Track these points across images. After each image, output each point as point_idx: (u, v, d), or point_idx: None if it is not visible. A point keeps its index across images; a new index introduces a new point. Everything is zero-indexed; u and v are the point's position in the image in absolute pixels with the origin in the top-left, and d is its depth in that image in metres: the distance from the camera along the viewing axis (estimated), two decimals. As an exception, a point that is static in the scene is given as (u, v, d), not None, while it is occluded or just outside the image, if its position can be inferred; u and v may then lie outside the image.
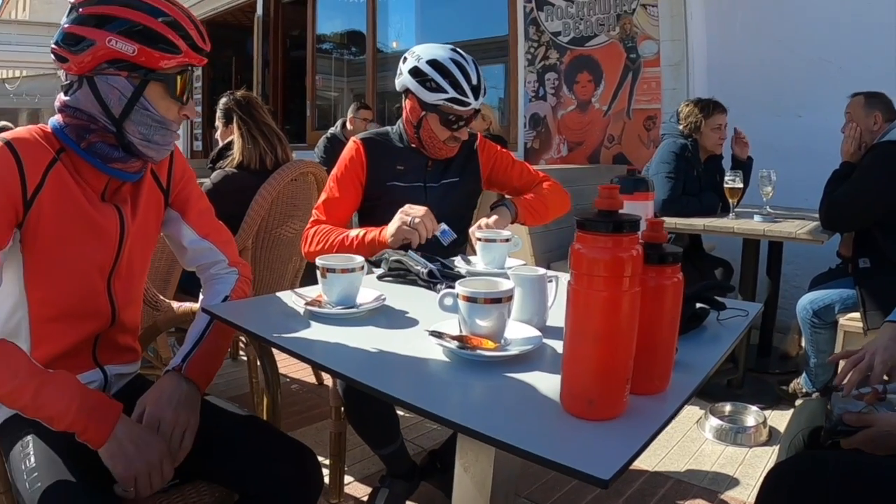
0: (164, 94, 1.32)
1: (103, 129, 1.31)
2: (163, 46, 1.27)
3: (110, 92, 1.29)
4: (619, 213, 0.89)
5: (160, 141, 1.36)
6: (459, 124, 2.13)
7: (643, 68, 4.77)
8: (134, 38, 1.25)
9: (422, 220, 1.89)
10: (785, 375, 3.46)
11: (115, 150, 1.33)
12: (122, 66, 1.27)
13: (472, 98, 2.09)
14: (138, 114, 1.31)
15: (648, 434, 0.86)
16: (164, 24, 1.27)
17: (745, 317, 1.44)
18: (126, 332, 1.54)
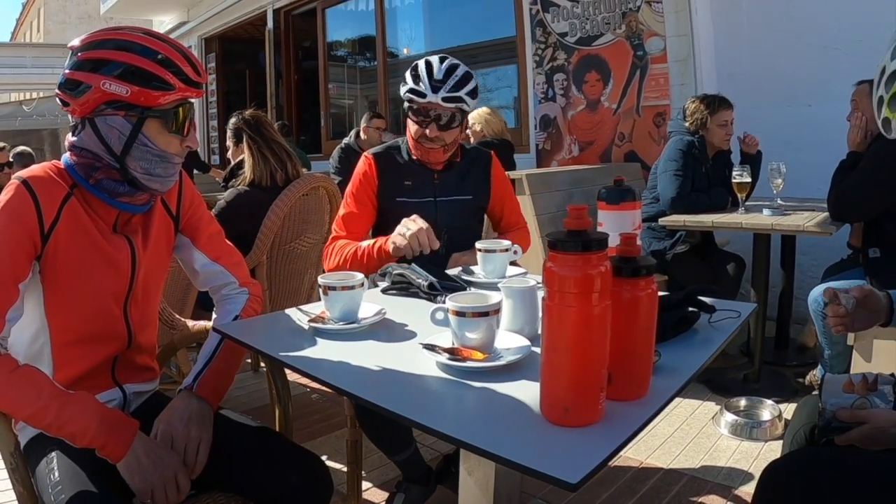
0: (162, 129, 1.38)
1: (108, 166, 1.38)
2: (156, 84, 1.33)
3: (110, 131, 1.36)
4: (587, 232, 0.93)
5: (162, 173, 1.42)
6: (425, 120, 2.14)
7: (651, 65, 4.79)
8: (127, 80, 1.31)
9: (414, 234, 1.91)
10: (802, 367, 3.46)
11: (121, 184, 1.40)
12: (119, 106, 1.34)
13: (428, 90, 2.10)
14: (138, 150, 1.37)
15: (622, 439, 0.90)
16: (155, 63, 1.33)
17: (736, 318, 1.47)
18: (143, 352, 1.62)
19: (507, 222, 2.43)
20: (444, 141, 2.18)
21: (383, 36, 7.37)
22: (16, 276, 1.31)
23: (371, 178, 2.24)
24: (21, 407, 1.28)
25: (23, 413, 1.29)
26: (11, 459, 1.35)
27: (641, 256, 1.05)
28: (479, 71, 6.79)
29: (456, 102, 2.13)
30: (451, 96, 2.11)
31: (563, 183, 4.10)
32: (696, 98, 3.69)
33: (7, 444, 1.35)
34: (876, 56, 1.67)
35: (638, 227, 1.51)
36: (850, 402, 1.43)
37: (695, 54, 4.54)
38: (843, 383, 1.46)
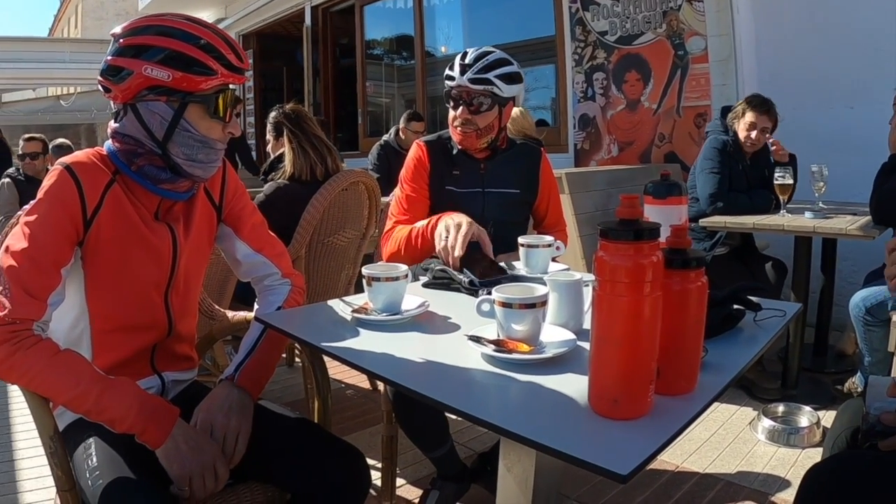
0: (204, 114, 1.38)
1: (150, 152, 1.38)
2: (197, 70, 1.33)
3: (152, 117, 1.36)
4: (639, 221, 0.93)
5: (204, 159, 1.42)
6: (456, 103, 2.18)
7: (691, 65, 4.74)
8: (169, 65, 1.32)
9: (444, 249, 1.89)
10: (841, 375, 3.40)
11: (163, 171, 1.41)
12: (161, 91, 1.34)
13: (457, 73, 2.15)
14: (180, 135, 1.38)
15: (671, 433, 0.90)
16: (197, 49, 1.33)
17: (782, 317, 1.45)
18: (182, 341, 1.62)
19: (549, 222, 2.43)
20: (476, 125, 2.18)
21: (421, 34, 7.38)
22: (58, 260, 1.32)
23: (424, 163, 2.27)
24: (62, 391, 1.28)
25: (63, 397, 1.29)
26: (51, 443, 1.34)
27: (692, 249, 1.04)
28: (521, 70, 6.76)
29: (484, 84, 2.13)
30: (477, 78, 2.13)
31: (602, 183, 4.08)
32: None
33: (46, 427, 1.34)
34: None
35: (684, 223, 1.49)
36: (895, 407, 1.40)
37: (736, 54, 4.49)
38: (888, 387, 1.43)
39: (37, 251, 1.30)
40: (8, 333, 1.25)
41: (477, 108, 2.16)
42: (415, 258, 2.09)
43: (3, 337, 1.25)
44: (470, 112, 2.16)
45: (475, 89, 2.14)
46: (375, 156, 5.71)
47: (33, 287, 1.29)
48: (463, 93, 2.16)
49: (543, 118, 6.44)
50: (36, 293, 1.29)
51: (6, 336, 1.25)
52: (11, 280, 1.28)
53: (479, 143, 2.23)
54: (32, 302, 1.28)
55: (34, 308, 1.29)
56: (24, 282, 1.28)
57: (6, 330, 1.25)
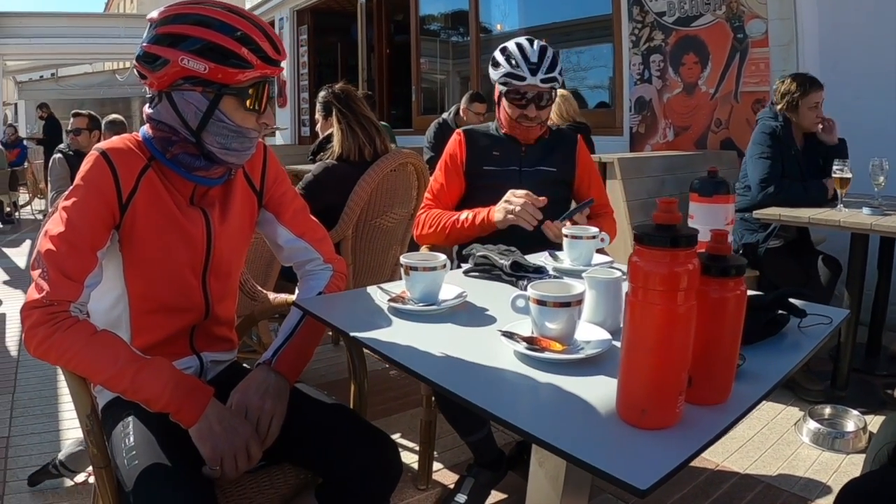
0: (239, 106, 1.38)
1: (184, 140, 1.40)
2: (234, 62, 1.32)
3: (187, 106, 1.37)
4: (677, 227, 0.90)
5: (239, 147, 1.42)
6: (524, 101, 2.27)
7: (751, 49, 4.61)
8: (205, 57, 1.31)
9: (523, 209, 2.07)
10: (893, 378, 3.30)
11: (197, 159, 1.42)
12: (196, 82, 1.34)
13: (526, 73, 2.23)
14: (215, 125, 1.38)
15: (697, 446, 0.87)
16: (234, 41, 1.32)
17: (828, 324, 1.40)
18: (221, 323, 1.64)
19: (594, 208, 2.41)
20: (541, 119, 2.32)
21: (476, 11, 7.31)
22: (94, 244, 1.34)
23: (459, 151, 2.36)
24: (99, 371, 1.31)
25: (100, 377, 1.31)
26: (87, 421, 1.37)
27: (732, 255, 1.01)
28: (572, 49, 6.69)
29: (552, 83, 2.26)
30: (548, 77, 2.24)
31: (656, 169, 4.00)
32: (785, 78, 3.54)
33: (84, 406, 1.37)
34: None
35: (730, 222, 1.45)
36: None
37: (798, 39, 4.34)
38: None
39: (73, 235, 1.32)
40: (46, 315, 1.29)
41: (546, 103, 2.30)
42: (455, 241, 2.29)
43: (42, 318, 1.29)
44: (538, 109, 2.28)
45: (545, 87, 2.26)
46: (432, 134, 5.68)
47: (70, 269, 1.32)
48: (534, 91, 2.25)
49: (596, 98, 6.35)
50: (73, 275, 1.32)
51: (45, 318, 1.29)
52: (49, 263, 1.31)
53: (539, 133, 2.38)
54: (69, 284, 1.31)
55: (71, 290, 1.32)
56: (62, 264, 1.31)
57: (45, 312, 1.29)
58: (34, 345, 1.30)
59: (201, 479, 1.32)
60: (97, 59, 20.43)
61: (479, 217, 2.19)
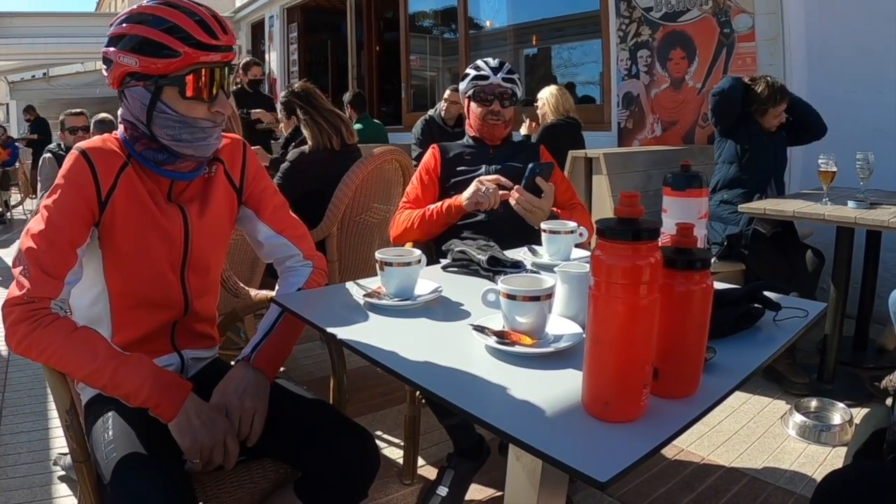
0: (179, 95, 1.39)
1: (143, 135, 1.43)
2: (165, 53, 1.35)
3: (133, 102, 1.41)
4: (638, 220, 0.90)
5: (190, 138, 1.42)
6: (490, 98, 2.48)
7: (737, 43, 4.59)
8: (134, 52, 1.35)
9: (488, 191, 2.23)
10: (880, 371, 3.28)
11: (159, 153, 1.44)
12: (138, 77, 1.38)
13: (489, 73, 2.48)
14: (160, 118, 1.40)
15: (661, 439, 0.87)
16: (161, 32, 1.34)
17: (804, 318, 1.40)
18: (201, 320, 1.65)
19: (562, 200, 2.49)
20: (503, 117, 2.52)
21: (465, 8, 7.30)
22: (73, 240, 1.36)
23: (434, 164, 2.53)
24: (79, 367, 1.32)
25: (80, 373, 1.33)
26: (66, 416, 1.39)
27: (698, 248, 1.01)
28: (564, 45, 6.68)
29: (511, 83, 2.50)
30: (507, 77, 2.49)
31: (643, 163, 4.00)
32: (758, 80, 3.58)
33: (63, 401, 1.39)
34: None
35: (704, 216, 1.45)
36: None
37: (784, 33, 4.32)
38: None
39: (53, 232, 1.35)
40: (27, 312, 1.30)
41: (507, 103, 2.51)
42: (427, 232, 2.37)
43: (22, 315, 1.30)
44: (501, 106, 2.50)
45: (506, 86, 2.49)
46: (419, 131, 5.70)
47: (50, 266, 1.33)
48: (497, 89, 2.48)
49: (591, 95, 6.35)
50: (53, 272, 1.33)
51: (26, 314, 1.30)
52: (30, 260, 1.33)
53: (504, 132, 2.56)
54: (49, 281, 1.33)
55: (51, 286, 1.33)
56: (42, 261, 1.33)
57: (26, 309, 1.30)
58: (15, 342, 1.32)
59: (177, 470, 1.33)
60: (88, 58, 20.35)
61: (446, 204, 2.33)
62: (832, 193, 3.21)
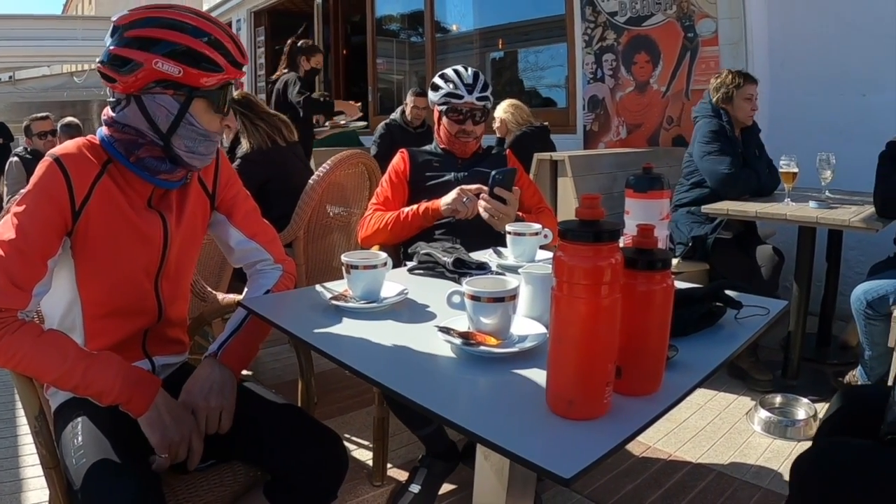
0: (208, 108, 1.41)
1: (151, 143, 1.40)
2: (205, 66, 1.35)
3: (158, 109, 1.38)
4: (599, 222, 0.91)
5: (204, 151, 1.45)
6: (462, 117, 2.49)
7: (701, 47, 4.66)
8: (179, 60, 1.33)
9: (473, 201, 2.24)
10: (843, 367, 3.35)
11: (163, 162, 1.42)
12: (168, 85, 1.36)
13: (464, 92, 2.46)
14: (185, 129, 1.40)
15: (624, 436, 0.89)
16: (206, 45, 1.35)
17: (765, 315, 1.43)
18: (173, 325, 1.65)
19: (529, 204, 2.53)
20: (476, 134, 2.54)
21: (432, 12, 7.31)
22: (45, 252, 1.34)
23: (403, 167, 2.54)
24: (49, 369, 1.32)
25: (50, 376, 1.32)
26: (35, 423, 1.39)
27: (659, 249, 1.02)
28: (530, 49, 6.72)
29: (485, 101, 2.50)
30: (482, 96, 2.49)
31: (608, 166, 4.04)
32: (720, 73, 3.60)
33: (32, 407, 1.39)
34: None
35: (666, 217, 1.47)
36: None
37: (746, 38, 4.40)
38: None
39: (24, 243, 1.31)
40: None
41: (479, 120, 2.52)
42: (399, 234, 2.37)
43: None
44: (474, 123, 2.51)
45: (479, 105, 2.49)
46: (378, 134, 5.69)
47: (19, 278, 1.31)
48: (471, 109, 2.48)
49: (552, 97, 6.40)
50: (22, 284, 1.31)
51: None
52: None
53: (474, 147, 2.59)
54: (18, 292, 1.31)
55: (19, 298, 1.32)
56: (11, 272, 1.30)
57: None
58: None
59: (148, 474, 1.33)
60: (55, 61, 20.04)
61: (422, 207, 2.34)
62: (794, 193, 3.26)
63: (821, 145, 3.39)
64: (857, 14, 4.13)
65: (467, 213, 2.25)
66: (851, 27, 4.15)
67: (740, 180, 3.35)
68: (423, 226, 2.34)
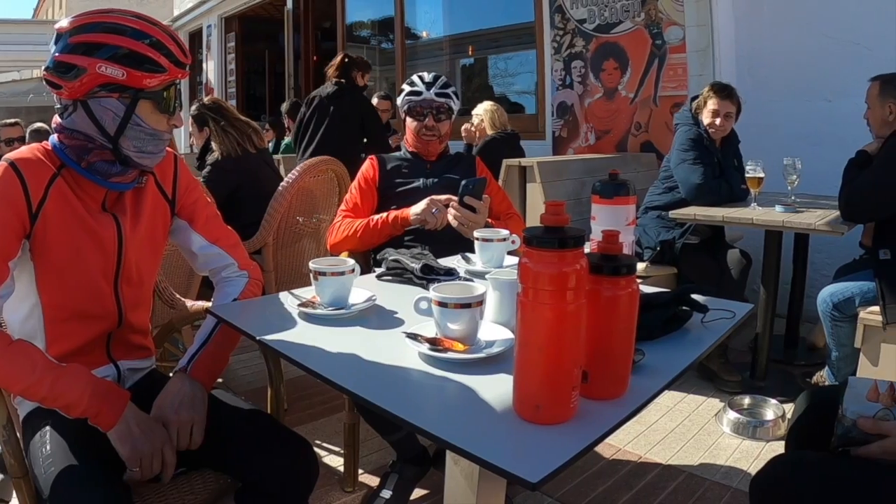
0: (154, 109, 1.41)
1: (100, 147, 1.40)
2: (148, 67, 1.36)
3: (104, 113, 1.38)
4: (564, 228, 0.92)
5: (154, 150, 1.45)
6: (423, 113, 2.51)
7: (669, 54, 4.72)
8: (121, 63, 1.34)
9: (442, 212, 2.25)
10: (811, 367, 3.41)
11: (114, 165, 1.42)
12: (113, 88, 1.36)
13: (422, 88, 2.50)
14: (132, 130, 1.40)
15: (590, 439, 0.89)
16: (148, 46, 1.35)
17: (731, 318, 1.45)
18: (136, 331, 1.64)
19: (498, 211, 2.55)
20: (439, 132, 2.54)
21: (402, 17, 7.33)
22: (5, 254, 1.33)
23: (372, 173, 2.55)
24: (17, 381, 1.30)
25: (18, 387, 1.31)
26: (3, 432, 1.38)
27: (624, 254, 1.03)
28: (500, 55, 6.76)
29: (446, 98, 2.52)
30: (441, 92, 2.51)
31: (576, 171, 4.07)
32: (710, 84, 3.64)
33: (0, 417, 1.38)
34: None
35: (632, 223, 1.48)
36: (874, 413, 1.34)
37: (714, 45, 4.47)
38: (868, 389, 1.36)
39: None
40: None
41: (441, 118, 2.53)
42: (368, 241, 2.37)
43: None
44: (435, 121, 2.52)
45: (439, 101, 2.51)
46: None
47: None
48: (431, 104, 2.51)
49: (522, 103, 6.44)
50: None
51: None
52: None
53: (439, 148, 2.60)
54: None
55: None
56: None
57: None
58: None
59: (117, 482, 1.32)
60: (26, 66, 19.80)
61: (392, 215, 2.34)
62: (761, 198, 3.31)
63: (787, 150, 3.44)
64: (823, 21, 4.22)
65: (436, 224, 2.25)
66: (817, 34, 4.23)
67: (711, 191, 3.39)
68: (392, 234, 2.34)
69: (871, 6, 4.02)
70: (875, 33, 4.00)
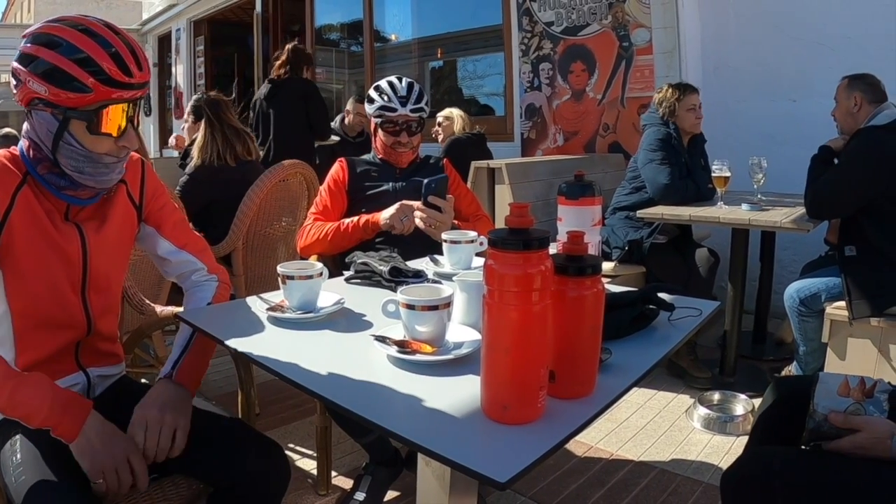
0: (86, 130, 1.34)
1: (46, 158, 1.37)
2: (75, 85, 1.28)
3: (40, 126, 1.35)
4: (528, 230, 0.92)
5: (93, 172, 1.38)
6: (397, 129, 2.49)
7: (636, 56, 4.77)
8: (45, 79, 1.28)
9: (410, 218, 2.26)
10: (779, 362, 3.47)
11: (62, 178, 1.38)
12: (46, 103, 1.31)
13: (398, 105, 2.46)
14: (65, 148, 1.35)
15: (558, 438, 0.90)
16: (73, 63, 1.28)
17: (697, 316, 1.46)
18: (105, 339, 1.62)
19: (466, 213, 2.57)
20: (412, 144, 2.55)
21: (370, 20, 7.33)
22: None
23: (342, 176, 2.54)
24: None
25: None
26: None
27: (589, 255, 1.04)
28: (468, 58, 6.77)
29: (420, 112, 2.51)
30: (416, 107, 2.49)
31: (544, 173, 4.09)
32: (661, 88, 3.71)
33: None
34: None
35: (597, 224, 1.50)
36: (845, 407, 1.36)
37: (680, 47, 4.52)
38: (839, 385, 1.39)
39: None
40: None
41: (415, 131, 2.53)
42: (338, 245, 2.36)
43: None
44: (409, 135, 2.51)
45: (414, 117, 2.50)
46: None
47: None
48: (406, 121, 2.49)
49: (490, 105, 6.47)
50: None
51: None
52: None
53: (411, 158, 2.59)
54: None
55: None
56: None
57: None
58: None
59: (88, 494, 1.31)
60: (-4, 70, 19.53)
61: (363, 219, 2.33)
62: (727, 197, 3.36)
63: (753, 150, 3.51)
64: (788, 22, 4.29)
65: (403, 229, 2.26)
66: (782, 35, 4.31)
67: (679, 191, 3.43)
68: (363, 238, 2.34)
69: (835, 7, 4.10)
70: (839, 34, 4.08)
